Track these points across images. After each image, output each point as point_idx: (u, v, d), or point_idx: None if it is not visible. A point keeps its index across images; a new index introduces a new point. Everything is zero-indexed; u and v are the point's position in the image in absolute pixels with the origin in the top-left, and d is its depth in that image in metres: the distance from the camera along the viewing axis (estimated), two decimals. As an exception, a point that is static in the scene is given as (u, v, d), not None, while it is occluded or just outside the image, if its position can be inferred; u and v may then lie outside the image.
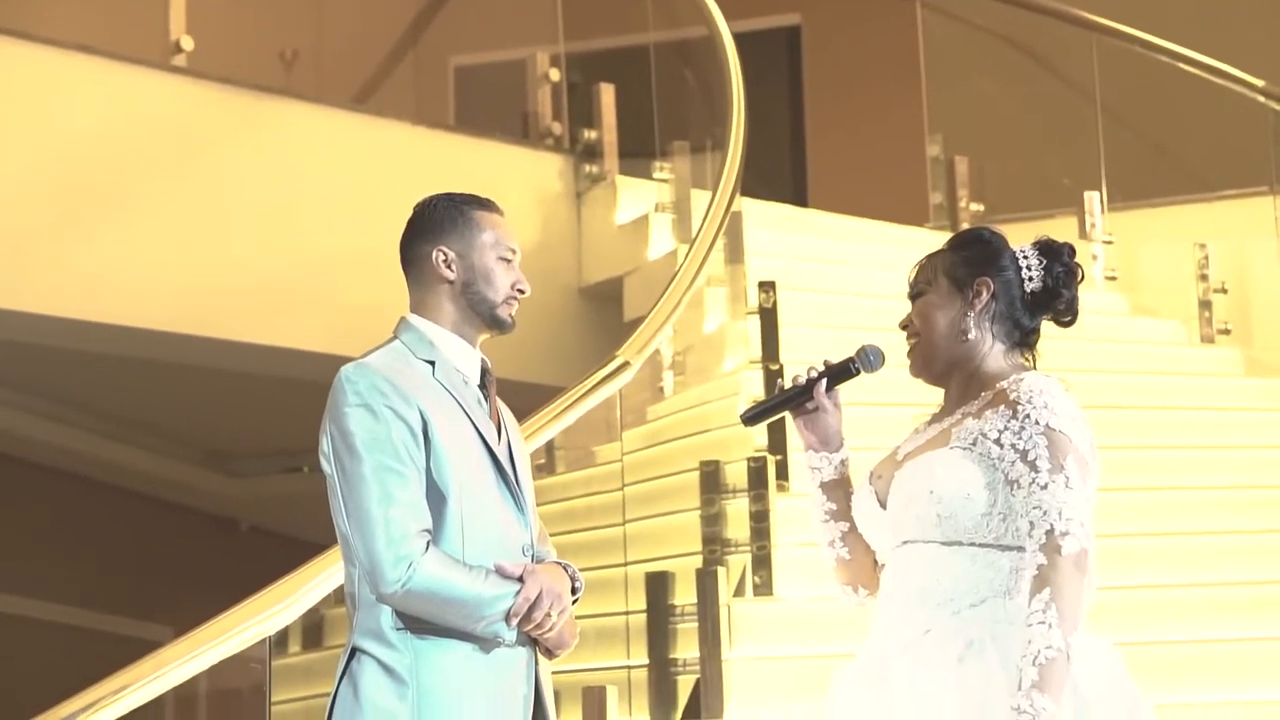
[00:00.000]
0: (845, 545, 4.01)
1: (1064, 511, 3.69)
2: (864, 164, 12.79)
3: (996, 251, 3.96)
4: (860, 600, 4.03)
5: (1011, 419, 3.77)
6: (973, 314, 3.92)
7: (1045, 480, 3.71)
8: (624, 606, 6.54)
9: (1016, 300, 3.93)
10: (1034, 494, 3.72)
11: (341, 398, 3.78)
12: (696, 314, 8.59)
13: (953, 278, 3.94)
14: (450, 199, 3.97)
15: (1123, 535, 7.04)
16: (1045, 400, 3.77)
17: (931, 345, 3.94)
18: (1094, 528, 3.75)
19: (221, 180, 9.23)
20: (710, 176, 9.12)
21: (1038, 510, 3.70)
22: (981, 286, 3.92)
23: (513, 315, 3.95)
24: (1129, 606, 6.64)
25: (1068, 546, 3.67)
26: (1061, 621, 3.61)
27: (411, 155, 9.78)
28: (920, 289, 3.98)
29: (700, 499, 6.85)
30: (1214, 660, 6.53)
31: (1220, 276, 9.55)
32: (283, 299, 9.29)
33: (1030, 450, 3.73)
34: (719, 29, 9.60)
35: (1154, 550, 7.06)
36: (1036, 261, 3.95)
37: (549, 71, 10.46)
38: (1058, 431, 3.74)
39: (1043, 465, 3.72)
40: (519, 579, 3.78)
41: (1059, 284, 3.95)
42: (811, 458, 4.03)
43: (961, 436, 3.81)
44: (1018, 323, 3.94)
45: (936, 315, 3.94)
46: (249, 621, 5.05)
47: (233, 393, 10.49)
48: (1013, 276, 3.94)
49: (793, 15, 13.62)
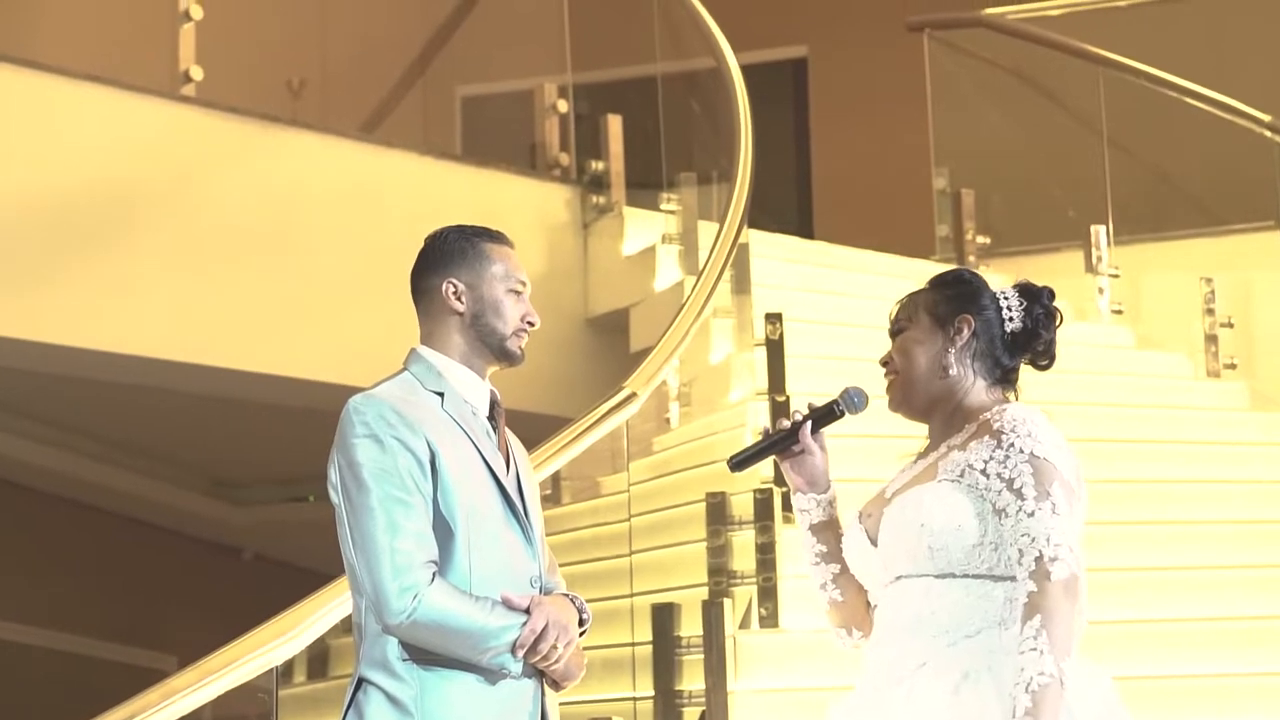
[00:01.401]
0: (837, 587, 4.03)
1: (1052, 538, 3.71)
2: (870, 196, 12.81)
3: (977, 291, 4.00)
4: (854, 642, 4.05)
5: (996, 448, 3.79)
6: (954, 350, 3.95)
7: (1032, 508, 3.73)
8: (630, 638, 6.54)
9: (997, 339, 3.97)
10: (1021, 521, 3.73)
11: (349, 428, 3.78)
12: (703, 345, 8.60)
13: (934, 315, 3.98)
14: (461, 231, 3.97)
15: (1127, 569, 7.04)
16: (1029, 429, 3.80)
17: (911, 381, 3.97)
18: (1094, 559, 3.77)
19: (228, 209, 9.24)
20: (717, 208, 9.13)
21: (1026, 538, 3.72)
22: (963, 324, 3.96)
23: (522, 348, 3.95)
24: (1133, 639, 6.63)
25: (1057, 572, 3.68)
26: (1053, 648, 3.62)
27: (418, 185, 9.79)
28: (901, 325, 4.02)
29: (706, 530, 6.85)
30: (1217, 694, 6.53)
31: (1226, 310, 9.56)
32: (288, 328, 9.29)
33: (1016, 479, 3.75)
34: (726, 60, 9.62)
35: (1159, 582, 7.05)
36: (1017, 302, 3.99)
37: (556, 102, 10.47)
38: (1042, 459, 3.76)
39: (1029, 493, 3.74)
40: (526, 610, 3.78)
41: (1038, 325, 3.98)
42: (800, 500, 4.06)
43: (948, 469, 3.83)
44: (998, 361, 3.97)
45: (917, 351, 3.97)
46: (256, 651, 5.05)
47: (238, 421, 10.50)
48: (993, 316, 3.98)
49: (799, 47, 13.65)
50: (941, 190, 10.73)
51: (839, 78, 13.41)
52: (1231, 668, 6.69)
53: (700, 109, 10.45)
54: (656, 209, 9.71)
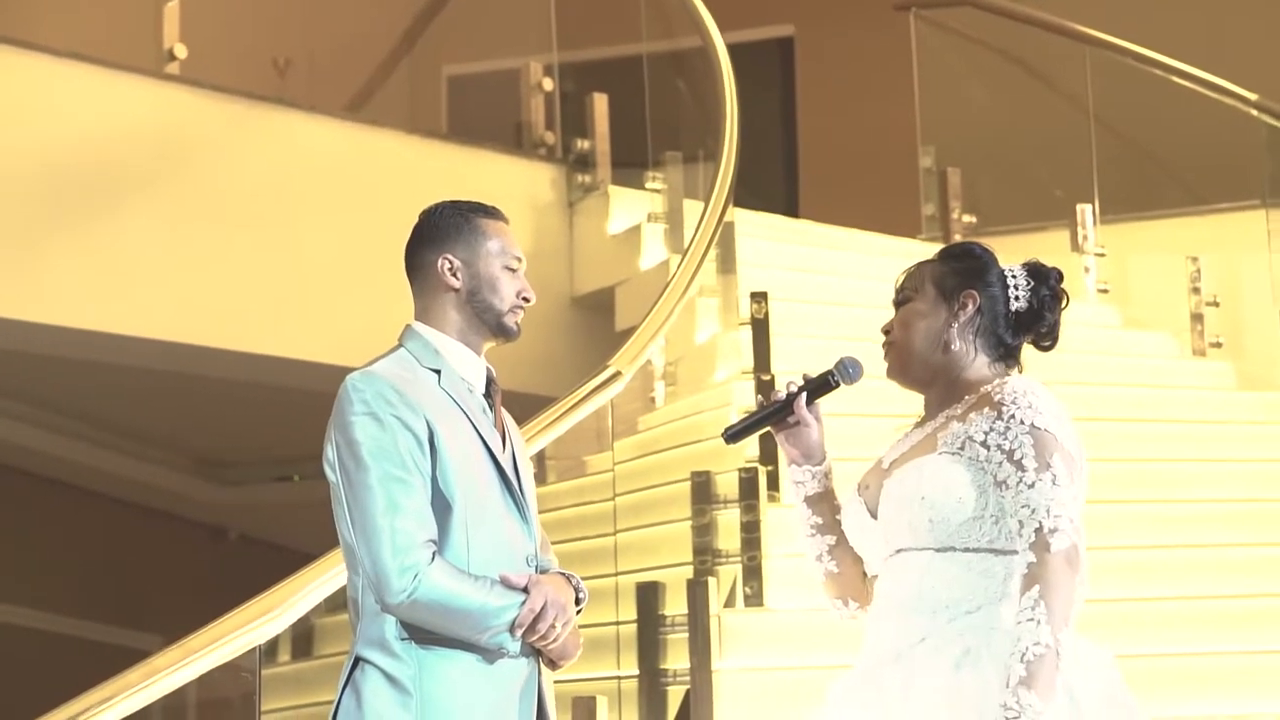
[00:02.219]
0: (833, 558, 4.02)
1: (1052, 509, 3.70)
2: (856, 175, 12.79)
3: (985, 267, 3.98)
4: (851, 613, 4.03)
5: (996, 420, 3.78)
6: (956, 325, 3.93)
7: (1033, 479, 3.72)
8: (614, 616, 6.54)
9: (1000, 317, 3.95)
10: (1021, 493, 3.72)
11: (348, 406, 3.77)
12: (688, 324, 8.59)
13: (940, 287, 3.96)
14: (456, 206, 3.95)
15: (1113, 548, 7.04)
16: (1030, 400, 3.78)
17: (909, 351, 3.95)
18: (1085, 535, 3.76)
19: (213, 188, 9.22)
20: (703, 187, 9.12)
21: (1026, 509, 3.71)
22: (968, 299, 3.94)
23: (518, 324, 3.94)
24: (1119, 619, 6.64)
25: (1057, 543, 3.67)
26: (1051, 618, 3.62)
27: (404, 164, 9.78)
28: (907, 295, 4.00)
29: (691, 509, 6.85)
30: (1205, 673, 6.53)
31: (1212, 290, 9.56)
32: (274, 307, 9.28)
33: (1016, 450, 3.74)
34: (713, 39, 9.61)
35: (1144, 563, 7.06)
36: (1024, 282, 3.97)
37: (542, 81, 10.46)
38: (1043, 430, 3.75)
39: (1029, 464, 3.73)
40: (524, 590, 3.77)
41: (1044, 306, 3.97)
42: (795, 472, 4.04)
43: (948, 441, 3.82)
44: (1000, 339, 3.95)
45: (919, 323, 3.95)
46: (239, 630, 5.04)
47: (223, 401, 10.48)
48: (999, 293, 3.96)
49: (786, 26, 13.63)
50: (928, 169, 10.73)
51: (825, 57, 13.39)
52: (1218, 647, 6.70)
53: (686, 88, 10.44)
54: (642, 188, 9.70)
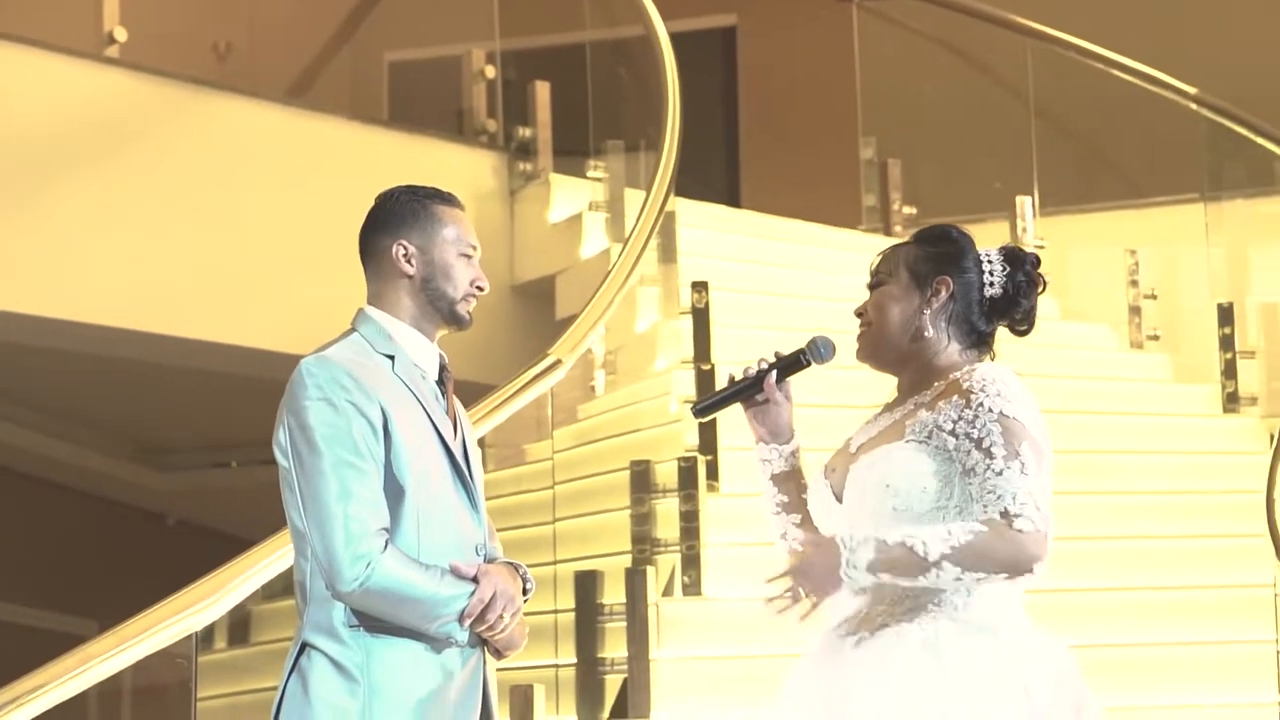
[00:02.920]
0: (797, 538, 4.00)
1: (1018, 496, 3.68)
2: (798, 165, 12.81)
3: (961, 251, 3.95)
4: (812, 593, 4.01)
5: (965, 408, 3.75)
6: (929, 312, 3.90)
7: (1000, 466, 3.70)
8: (553, 605, 6.54)
9: (974, 303, 3.92)
10: (989, 479, 3.70)
11: (301, 390, 3.74)
12: (629, 313, 8.59)
13: (914, 272, 3.93)
14: (412, 192, 3.93)
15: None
16: (999, 388, 3.76)
17: (882, 336, 3.92)
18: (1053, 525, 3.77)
19: (153, 173, 9.18)
20: (644, 176, 9.12)
21: (992, 494, 3.69)
22: (941, 285, 3.91)
23: (470, 312, 3.92)
24: (1055, 609, 6.66)
25: (1019, 525, 3.67)
26: (959, 550, 3.63)
27: (345, 150, 9.75)
28: (881, 279, 3.96)
29: (630, 498, 6.85)
30: (1140, 664, 6.57)
31: (1150, 283, 9.60)
32: (214, 293, 9.24)
33: (985, 438, 3.72)
34: (655, 28, 9.60)
35: (1080, 554, 7.09)
36: (1000, 267, 3.94)
37: (484, 68, 10.44)
38: (1012, 418, 3.73)
39: (998, 452, 3.71)
40: (473, 579, 3.77)
41: (1019, 292, 3.95)
42: (762, 450, 4.01)
43: (916, 430, 3.80)
44: (974, 325, 3.92)
45: (892, 307, 3.92)
46: (176, 617, 5.02)
47: (162, 386, 10.44)
48: (974, 279, 3.93)
49: (729, 16, 13.63)
50: (869, 160, 10.75)
51: (768, 47, 13.40)
52: (1149, 638, 6.74)
53: (629, 77, 10.44)
54: (583, 176, 9.69)
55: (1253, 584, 6.73)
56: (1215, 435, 8.42)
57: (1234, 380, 8.71)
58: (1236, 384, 8.71)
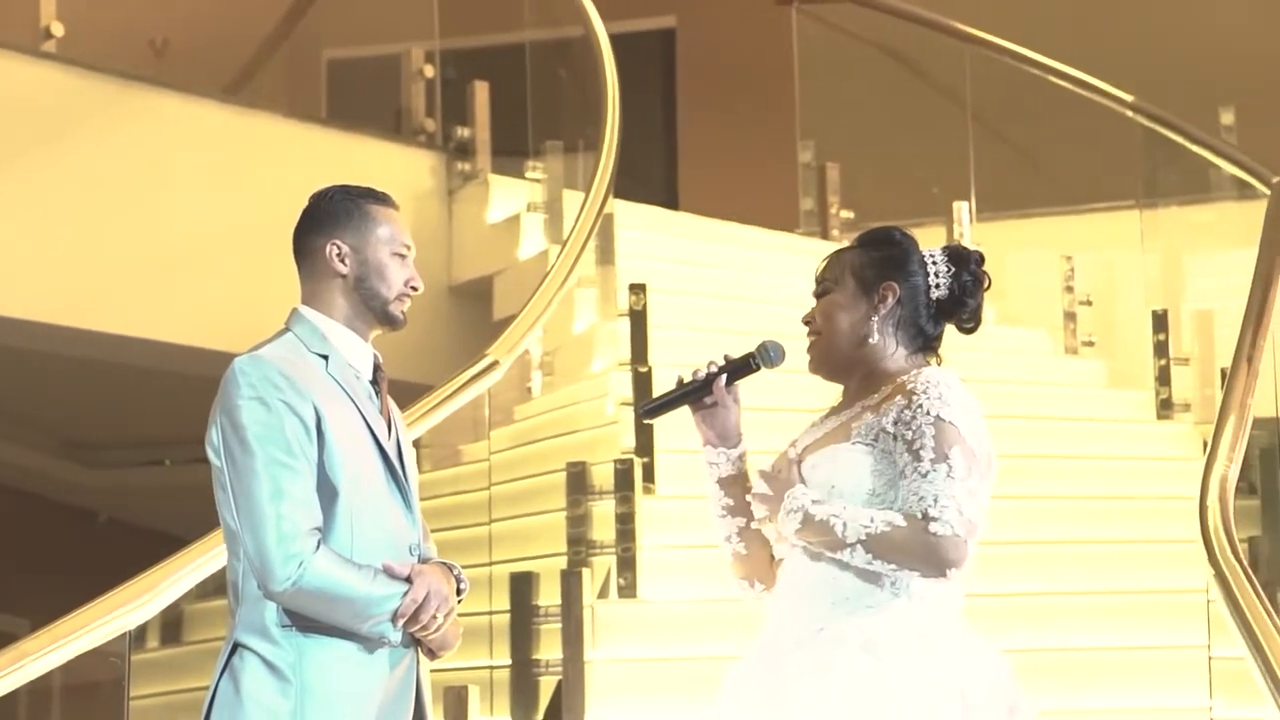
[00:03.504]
0: (742, 540, 3.99)
1: (940, 499, 3.69)
2: (736, 168, 12.83)
3: (906, 255, 3.95)
4: (757, 595, 4.01)
5: (905, 409, 3.76)
6: (876, 318, 3.90)
7: (927, 469, 3.71)
8: (488, 606, 6.53)
9: (921, 307, 3.92)
10: (915, 481, 3.71)
11: (234, 389, 3.73)
12: (566, 314, 8.59)
13: (860, 279, 3.92)
14: (346, 192, 3.92)
15: (983, 542, 7.08)
16: (939, 391, 3.76)
17: (832, 345, 3.93)
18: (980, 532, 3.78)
19: (89, 168, 9.13)
20: (583, 177, 9.12)
21: (915, 496, 3.71)
22: (888, 291, 3.91)
23: (404, 312, 3.91)
24: (988, 612, 6.68)
25: (935, 528, 3.68)
26: (874, 538, 3.66)
27: (282, 148, 9.71)
28: (827, 286, 3.96)
29: (566, 500, 6.85)
30: (1075, 667, 6.60)
31: (1085, 289, 9.65)
32: (148, 290, 9.19)
33: (916, 440, 3.73)
34: (595, 29, 9.61)
35: (1013, 557, 7.12)
36: (945, 268, 3.94)
37: (423, 67, 10.42)
38: (947, 422, 3.74)
39: (926, 455, 3.72)
40: (407, 579, 3.76)
41: (965, 292, 3.95)
42: (709, 453, 4.00)
43: (862, 432, 3.80)
44: (921, 329, 3.93)
45: (840, 316, 3.92)
46: (109, 615, 4.99)
47: (94, 383, 10.38)
48: (920, 282, 3.93)
49: (668, 18, 13.64)
50: (807, 164, 10.77)
51: (707, 49, 13.42)
52: (1083, 641, 6.77)
53: (568, 78, 10.43)
54: (522, 177, 9.68)
55: (1185, 589, 6.77)
56: (1149, 441, 8.47)
57: (1168, 387, 8.77)
58: (1170, 390, 8.76)
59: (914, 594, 3.76)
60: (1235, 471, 6.24)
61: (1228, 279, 8.73)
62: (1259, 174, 9.03)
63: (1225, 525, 5.80)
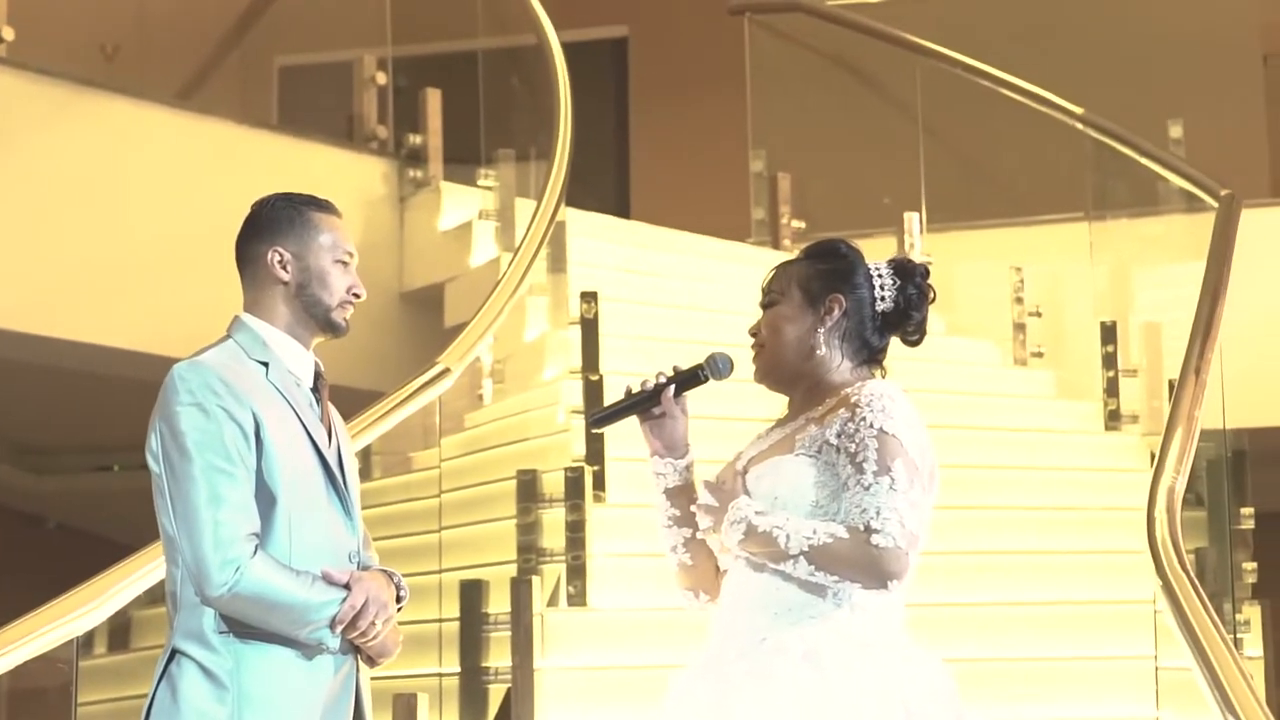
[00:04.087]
0: (688, 551, 4.01)
1: (882, 511, 3.71)
2: (687, 177, 12.85)
3: (852, 267, 3.97)
4: (701, 605, 4.03)
5: (849, 422, 3.79)
6: (823, 330, 3.92)
7: (869, 481, 3.74)
8: (437, 613, 6.52)
9: (867, 319, 3.95)
10: (857, 494, 3.74)
11: (173, 395, 3.73)
12: (518, 322, 8.59)
13: (806, 291, 3.95)
14: (288, 199, 3.93)
15: (932, 552, 7.08)
16: (883, 404, 3.79)
17: (777, 357, 3.95)
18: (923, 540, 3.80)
19: (38, 173, 9.09)
20: (535, 185, 9.12)
21: (857, 509, 3.73)
22: (834, 303, 3.93)
23: (347, 319, 3.92)
24: (938, 622, 6.71)
25: (877, 540, 3.69)
26: (816, 550, 3.67)
27: (234, 154, 9.69)
28: (773, 298, 3.98)
29: (516, 507, 6.85)
30: (1023, 677, 6.62)
31: (1035, 300, 9.68)
32: (97, 295, 9.16)
33: (859, 452, 3.75)
34: (548, 38, 9.61)
35: (962, 567, 7.14)
36: (890, 281, 3.97)
37: (375, 74, 10.40)
38: (890, 435, 3.76)
39: (868, 467, 3.74)
40: (345, 586, 3.76)
41: (910, 305, 3.97)
42: (656, 463, 4.02)
43: (806, 444, 3.82)
44: (866, 341, 3.95)
45: (786, 328, 3.94)
46: (57, 621, 4.97)
47: (42, 388, 10.33)
48: (865, 295, 3.95)
49: (620, 27, 13.66)
50: (758, 173, 10.79)
51: (659, 58, 13.44)
52: (1031, 652, 6.79)
53: (520, 86, 10.43)
54: (474, 185, 9.68)
55: (1133, 599, 6.81)
56: (1097, 452, 8.50)
57: (1116, 398, 8.80)
58: (1119, 402, 8.80)
59: (856, 605, 3.78)
60: (1183, 483, 6.27)
61: (1176, 291, 8.77)
62: (1207, 187, 9.08)
63: (1173, 536, 5.82)
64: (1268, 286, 9.73)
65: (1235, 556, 7.27)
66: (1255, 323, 9.42)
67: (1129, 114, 10.28)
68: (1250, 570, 7.36)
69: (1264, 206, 10.05)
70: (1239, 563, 7.33)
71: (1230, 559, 7.20)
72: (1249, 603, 7.21)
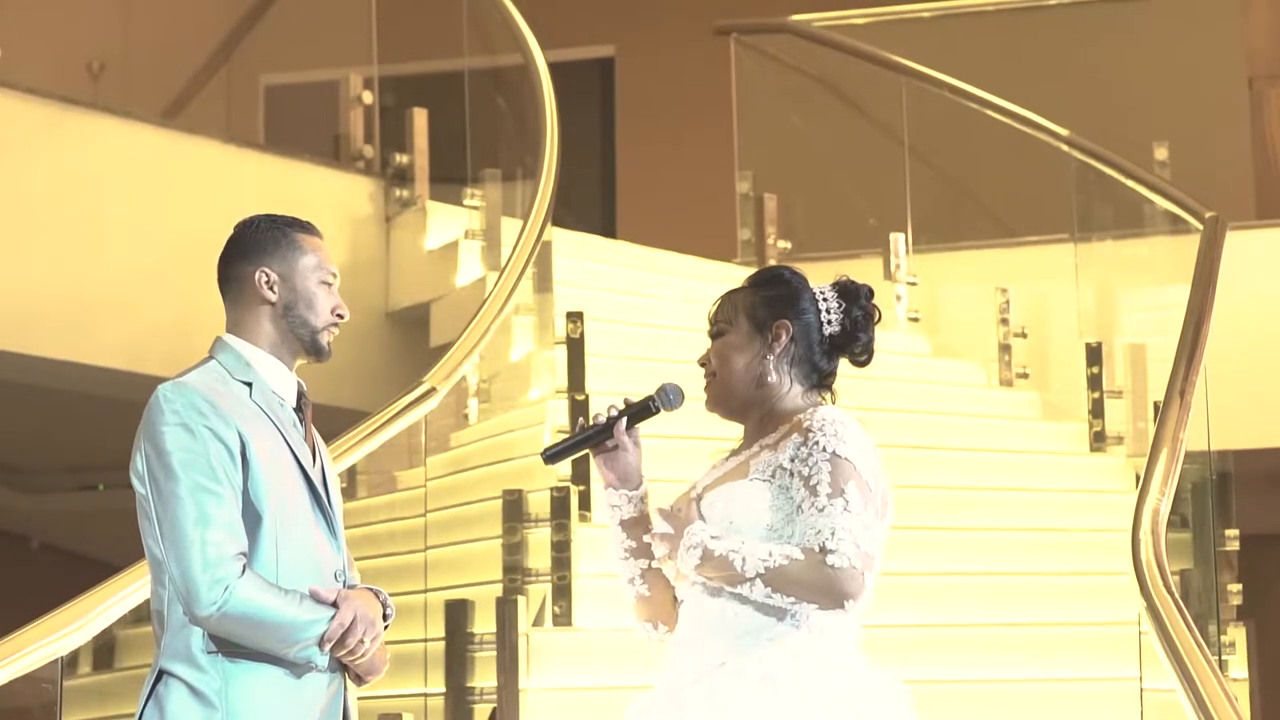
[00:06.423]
0: (645, 582, 4.02)
1: (837, 532, 3.73)
2: (674, 198, 12.86)
3: (796, 293, 4.00)
4: (659, 636, 4.04)
5: (802, 446, 3.81)
6: (771, 357, 3.95)
7: (823, 504, 3.75)
8: (423, 633, 6.52)
9: (815, 343, 3.97)
10: (811, 516, 3.75)
11: (158, 416, 3.74)
12: (504, 342, 8.59)
13: (753, 318, 3.97)
14: (273, 220, 3.94)
15: (916, 574, 7.12)
16: (836, 429, 3.81)
17: (728, 386, 3.97)
18: (883, 563, 3.81)
19: (23, 191, 9.08)
20: (521, 205, 9.12)
21: (811, 530, 3.74)
22: (781, 330, 3.96)
23: (330, 343, 3.94)
24: (921, 644, 6.71)
25: (832, 561, 3.71)
26: (772, 572, 3.68)
27: (220, 174, 9.69)
28: (721, 328, 4.01)
29: (502, 527, 6.85)
30: (1004, 699, 6.62)
31: (1020, 321, 9.70)
32: (83, 314, 9.15)
33: (813, 475, 3.77)
34: (534, 58, 9.62)
35: (947, 588, 7.15)
36: (836, 304, 3.99)
37: (362, 94, 10.40)
38: (843, 458, 3.78)
39: (822, 490, 3.76)
40: (333, 604, 3.77)
41: (857, 327, 3.99)
42: (611, 495, 4.03)
43: (760, 469, 3.85)
44: (815, 365, 3.98)
45: (735, 357, 3.97)
46: (41, 641, 4.97)
47: (26, 407, 10.32)
48: (812, 319, 3.97)
49: (607, 47, 13.68)
50: (744, 194, 10.79)
51: (646, 79, 13.46)
52: (1014, 673, 6.80)
53: (507, 105, 10.44)
54: (460, 204, 9.68)
55: (1117, 621, 6.81)
56: (1082, 473, 8.52)
57: (1101, 419, 8.82)
58: (1104, 423, 8.81)
59: (813, 627, 3.79)
60: (1168, 504, 6.28)
61: (1161, 313, 8.80)
62: (1192, 209, 9.09)
63: (1157, 558, 5.83)
64: (1252, 308, 9.76)
65: (1220, 578, 7.27)
66: (1240, 344, 9.45)
67: (1114, 136, 10.31)
68: (1235, 592, 7.36)
69: (1249, 229, 10.07)
70: (1224, 584, 7.33)
71: (1215, 581, 7.20)
72: (1234, 624, 7.21)
